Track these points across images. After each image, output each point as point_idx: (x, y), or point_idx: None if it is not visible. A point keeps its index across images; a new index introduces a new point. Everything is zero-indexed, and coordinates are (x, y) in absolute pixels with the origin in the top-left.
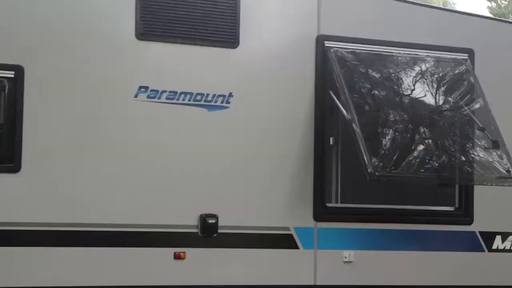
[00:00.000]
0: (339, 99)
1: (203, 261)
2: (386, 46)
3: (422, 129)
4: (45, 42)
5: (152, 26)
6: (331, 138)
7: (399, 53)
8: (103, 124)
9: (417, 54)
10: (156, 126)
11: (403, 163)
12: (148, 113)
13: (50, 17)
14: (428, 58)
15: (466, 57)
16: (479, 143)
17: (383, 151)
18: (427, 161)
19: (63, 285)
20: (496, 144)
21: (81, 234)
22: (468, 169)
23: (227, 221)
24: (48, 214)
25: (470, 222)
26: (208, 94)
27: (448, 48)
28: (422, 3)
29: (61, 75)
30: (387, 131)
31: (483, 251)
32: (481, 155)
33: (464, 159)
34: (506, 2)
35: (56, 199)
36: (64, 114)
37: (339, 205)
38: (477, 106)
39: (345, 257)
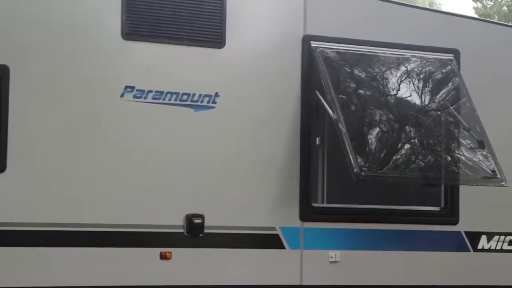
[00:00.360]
0: (325, 99)
1: (189, 261)
2: (372, 46)
3: (408, 129)
4: (30, 41)
5: (138, 26)
6: (317, 138)
7: (385, 53)
8: (89, 124)
9: (403, 55)
10: (142, 126)
11: (389, 163)
12: (134, 113)
13: (35, 17)
14: (414, 59)
15: (452, 58)
16: (464, 143)
17: (369, 151)
18: (413, 161)
19: (47, 285)
20: (481, 144)
21: (66, 234)
22: (454, 169)
23: (213, 221)
24: (33, 215)
25: (455, 222)
26: (194, 94)
27: (433, 49)
28: (408, 3)
29: (46, 74)
30: (373, 131)
31: (469, 251)
32: (466, 155)
33: (449, 159)
34: (491, 3)
35: (42, 200)
36: (49, 113)
37: (325, 205)
38: (462, 106)
39: (331, 257)
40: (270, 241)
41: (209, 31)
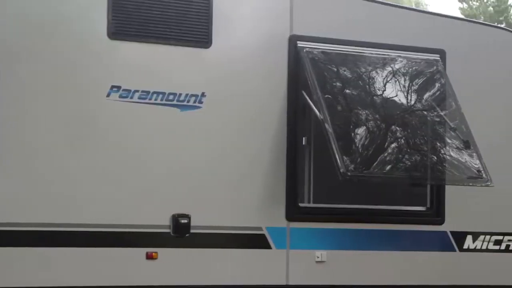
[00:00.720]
0: (311, 99)
1: (176, 261)
2: (359, 46)
3: (394, 129)
4: (16, 41)
5: (124, 25)
6: (303, 138)
7: (371, 53)
8: (75, 123)
9: (389, 55)
10: (128, 126)
11: (375, 163)
12: (121, 112)
13: (21, 17)
14: (400, 59)
15: (438, 58)
16: (450, 143)
17: (355, 151)
18: (399, 161)
19: (32, 286)
20: (467, 144)
21: (52, 234)
22: (440, 169)
23: (200, 221)
24: (18, 215)
25: (441, 222)
26: (180, 94)
27: (420, 49)
28: (394, 3)
29: (31, 74)
30: (360, 131)
31: (455, 250)
32: (452, 155)
33: (435, 159)
34: (477, 3)
35: (27, 200)
36: (35, 113)
37: (311, 205)
38: (448, 106)
39: (318, 257)
40: (257, 241)
41: (195, 31)
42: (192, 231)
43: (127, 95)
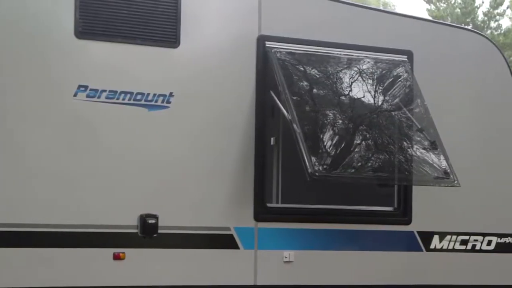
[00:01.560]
0: (280, 99)
1: (143, 261)
2: (327, 47)
3: (362, 130)
4: None
5: (92, 24)
6: (272, 138)
7: (340, 54)
8: (41, 123)
9: (357, 55)
10: (95, 126)
11: (343, 163)
12: (88, 112)
13: None
14: (368, 59)
15: (405, 59)
16: (417, 144)
17: (323, 151)
18: (366, 161)
19: None
20: (434, 145)
21: (17, 234)
22: (407, 169)
23: (167, 221)
24: None
25: (408, 222)
26: (148, 94)
27: (387, 50)
28: (362, 4)
29: None
30: (328, 131)
31: (421, 250)
32: (419, 156)
33: (403, 159)
34: (444, 5)
35: None
36: (1, 113)
37: (279, 205)
38: (415, 107)
39: (285, 257)
40: (225, 241)
41: (163, 31)
42: (160, 231)
43: (94, 94)
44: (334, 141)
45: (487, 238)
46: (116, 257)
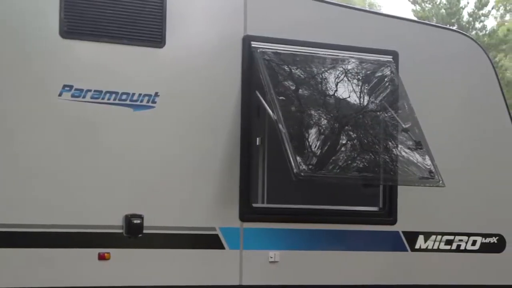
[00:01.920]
0: (265, 100)
1: (128, 261)
2: (312, 47)
3: (347, 130)
4: None
5: (77, 24)
6: (257, 139)
7: (325, 54)
8: (25, 123)
9: (342, 56)
10: (80, 126)
11: (329, 164)
12: (73, 112)
13: None
14: (353, 60)
15: (391, 59)
16: (402, 144)
17: (308, 152)
18: (352, 161)
19: None
20: (419, 145)
21: (2, 235)
22: (392, 169)
23: (153, 222)
24: None
25: (393, 222)
26: (134, 94)
27: (373, 50)
28: (347, 4)
29: None
30: (313, 131)
31: (406, 250)
32: (404, 156)
33: (388, 160)
34: (430, 6)
35: None
36: None
37: (265, 205)
38: (401, 107)
39: (271, 257)
40: (210, 241)
41: (149, 30)
42: (145, 231)
43: (79, 94)
44: (319, 141)
45: (472, 238)
46: (101, 257)
